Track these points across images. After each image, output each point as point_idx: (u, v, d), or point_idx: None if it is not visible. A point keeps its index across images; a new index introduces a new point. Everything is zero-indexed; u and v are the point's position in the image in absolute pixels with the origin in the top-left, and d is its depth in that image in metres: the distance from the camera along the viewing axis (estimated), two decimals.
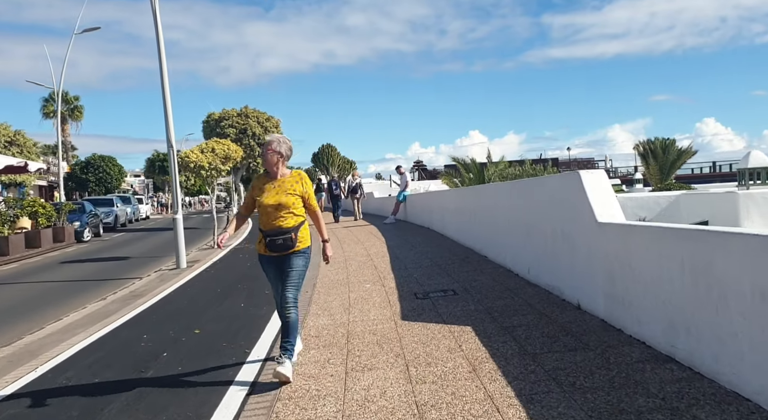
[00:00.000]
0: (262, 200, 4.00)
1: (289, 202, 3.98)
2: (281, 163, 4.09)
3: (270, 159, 4.06)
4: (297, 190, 4.04)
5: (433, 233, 12.53)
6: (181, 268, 10.73)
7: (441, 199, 12.43)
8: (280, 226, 3.98)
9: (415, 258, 9.07)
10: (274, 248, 4.03)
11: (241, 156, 14.59)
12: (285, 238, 3.98)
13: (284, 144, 4.13)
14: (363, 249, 10.76)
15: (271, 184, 4.06)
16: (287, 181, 4.06)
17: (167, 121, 10.75)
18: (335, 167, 44.68)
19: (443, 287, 6.62)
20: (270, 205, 3.98)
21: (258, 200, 4.04)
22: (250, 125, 24.43)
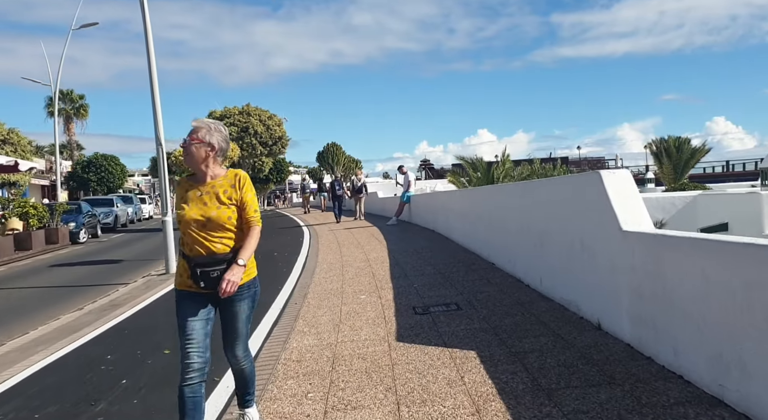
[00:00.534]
0: (183, 214, 2.84)
1: (222, 216, 2.81)
2: (212, 159, 2.89)
3: (195, 154, 2.86)
4: (233, 198, 2.88)
5: (438, 236, 11.88)
6: (170, 272, 10.14)
7: (446, 200, 11.77)
8: (213, 252, 2.80)
9: (417, 264, 8.43)
10: (210, 283, 2.80)
11: (237, 155, 14.03)
12: (222, 269, 2.79)
13: (216, 132, 2.92)
14: (362, 253, 10.13)
15: (197, 190, 2.89)
16: (221, 186, 2.88)
17: (156, 118, 10.17)
18: (340, 166, 44.06)
19: (446, 300, 5.97)
20: (194, 220, 2.81)
21: (179, 214, 2.87)
22: (251, 123, 23.92)
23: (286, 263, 9.87)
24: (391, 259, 9.19)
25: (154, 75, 10.19)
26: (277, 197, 50.81)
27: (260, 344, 4.91)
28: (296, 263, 9.72)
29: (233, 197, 2.88)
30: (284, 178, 54.72)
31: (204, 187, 2.90)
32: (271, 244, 13.55)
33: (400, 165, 16.72)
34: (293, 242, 13.46)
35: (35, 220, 15.37)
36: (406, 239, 11.89)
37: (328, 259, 9.74)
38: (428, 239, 11.52)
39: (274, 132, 24.47)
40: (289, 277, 8.28)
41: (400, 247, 10.64)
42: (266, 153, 24.73)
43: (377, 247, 10.95)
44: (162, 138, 10.21)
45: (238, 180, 2.93)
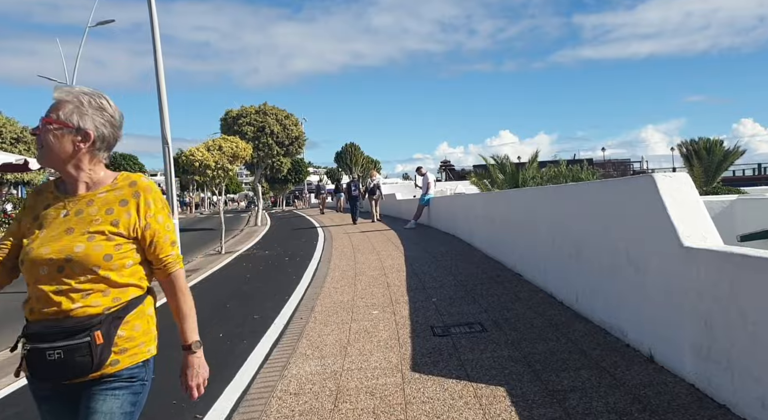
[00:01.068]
0: (27, 249, 1.71)
1: (93, 254, 1.69)
2: (87, 156, 1.77)
3: (54, 146, 1.74)
4: (121, 224, 1.75)
5: (459, 242, 11.18)
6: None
7: (468, 203, 11.06)
8: (67, 315, 1.66)
9: (437, 274, 7.76)
10: (45, 371, 1.66)
11: (250, 154, 13.48)
12: (70, 346, 1.63)
13: (94, 111, 1.77)
14: (377, 260, 9.49)
15: (61, 207, 1.78)
16: (103, 202, 1.77)
17: (162, 117, 9.68)
18: (359, 167, 43.48)
19: (469, 319, 5.30)
20: (45, 261, 1.68)
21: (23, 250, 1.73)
22: (268, 123, 23.43)
23: (297, 269, 9.28)
24: (407, 267, 8.53)
25: (161, 73, 9.70)
26: (297, 197, 50.46)
27: (255, 370, 4.30)
28: (307, 269, 9.13)
29: (124, 223, 1.74)
30: (303, 179, 54.37)
31: (73, 203, 1.77)
32: (283, 248, 12.99)
33: (418, 166, 16.05)
34: (306, 246, 12.88)
35: None
36: (425, 245, 11.22)
37: (340, 266, 9.12)
38: (448, 245, 10.84)
39: (290, 132, 23.98)
40: (298, 286, 7.69)
41: (418, 253, 9.98)
42: (283, 153, 24.20)
43: (393, 253, 10.30)
44: (168, 137, 9.71)
45: (136, 194, 1.79)
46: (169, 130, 9.69)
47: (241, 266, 10.52)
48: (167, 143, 9.64)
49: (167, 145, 9.64)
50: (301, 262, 10.21)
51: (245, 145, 13.38)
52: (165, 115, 9.63)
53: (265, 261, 10.94)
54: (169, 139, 9.66)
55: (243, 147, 13.18)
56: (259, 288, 7.97)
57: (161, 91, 9.65)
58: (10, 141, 17.93)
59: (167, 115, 9.66)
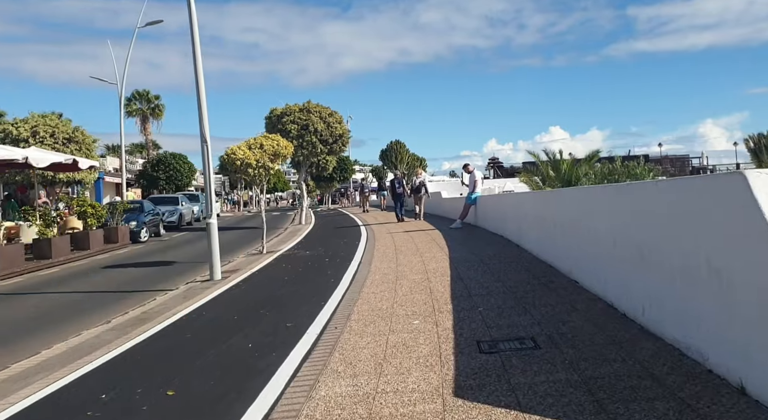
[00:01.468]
0: None
1: None
2: None
3: None
4: None
5: (507, 244, 10.56)
6: (214, 279, 9.43)
7: (518, 202, 10.43)
8: None
9: (484, 279, 7.21)
10: None
11: (291, 152, 13.23)
12: None
13: None
14: (420, 263, 9.01)
15: None
16: None
17: (201, 115, 9.49)
18: (404, 164, 43.01)
19: (519, 332, 4.76)
20: None
21: None
22: (311, 121, 23.25)
23: (336, 271, 8.91)
24: (452, 271, 8.02)
25: (200, 71, 9.50)
26: (342, 195, 50.50)
27: (281, 389, 3.90)
28: (347, 272, 8.74)
29: None
30: (348, 177, 54.34)
31: None
32: (325, 248, 12.68)
33: (465, 163, 15.44)
34: (348, 246, 12.53)
35: (93, 219, 15.29)
36: (470, 246, 10.66)
37: (381, 268, 8.69)
38: (496, 247, 10.24)
39: (334, 129, 23.73)
40: (336, 290, 7.30)
41: (464, 255, 9.44)
42: (326, 151, 24.00)
43: (437, 254, 9.79)
44: (207, 135, 9.51)
45: None
46: (208, 128, 9.50)
47: (281, 267, 10.25)
48: (206, 142, 9.45)
49: (206, 143, 9.45)
50: (342, 263, 9.84)
51: (286, 142, 13.13)
52: (203, 112, 9.43)
53: (304, 262, 10.63)
54: (207, 138, 9.46)
55: (284, 145, 12.93)
56: (295, 291, 7.63)
57: (199, 87, 9.46)
58: (62, 141, 18.40)
59: (206, 113, 9.47)
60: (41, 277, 11.81)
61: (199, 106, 9.45)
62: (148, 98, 55.55)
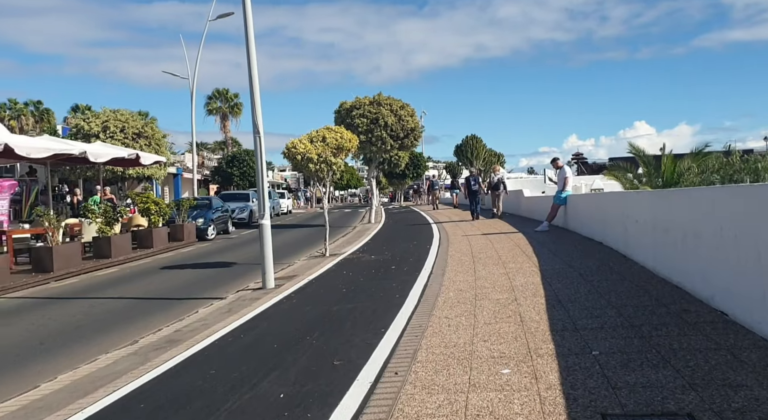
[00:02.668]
0: None
1: None
2: None
3: None
4: None
5: (610, 253, 8.78)
6: (267, 287, 8.37)
7: (623, 203, 8.61)
8: None
9: (590, 303, 5.61)
10: None
11: (356, 146, 12.02)
12: None
13: None
14: (504, 275, 7.48)
15: None
16: None
17: (253, 104, 8.43)
18: (480, 161, 40.95)
19: (666, 402, 3.18)
20: None
21: None
22: (381, 114, 22.02)
23: (403, 282, 7.57)
24: (546, 289, 6.45)
25: (253, 58, 8.44)
26: (415, 192, 49.21)
27: None
28: (415, 284, 7.38)
29: None
30: (421, 173, 52.87)
31: None
32: (392, 252, 11.38)
33: (554, 157, 13.60)
34: (418, 250, 11.15)
35: (157, 216, 14.81)
36: (564, 255, 8.98)
37: (456, 282, 7.26)
38: (597, 257, 8.51)
39: (406, 123, 22.40)
40: (401, 311, 5.95)
41: (557, 267, 7.81)
42: (397, 146, 22.72)
43: (525, 265, 8.21)
44: (260, 125, 8.44)
45: None
46: (261, 116, 8.41)
47: (341, 275, 9.03)
48: (258, 132, 8.37)
49: (258, 134, 8.37)
50: (410, 272, 8.49)
51: (351, 135, 11.93)
52: (256, 97, 8.36)
53: (368, 269, 9.37)
54: (260, 128, 8.39)
55: (348, 137, 11.74)
56: (353, 309, 6.35)
57: (252, 78, 8.39)
58: (132, 136, 18.23)
59: (258, 98, 8.38)
60: (97, 278, 11.28)
61: (251, 91, 8.39)
62: (227, 97, 56.88)
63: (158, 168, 18.85)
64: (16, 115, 48.47)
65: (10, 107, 49.12)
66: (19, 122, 46.78)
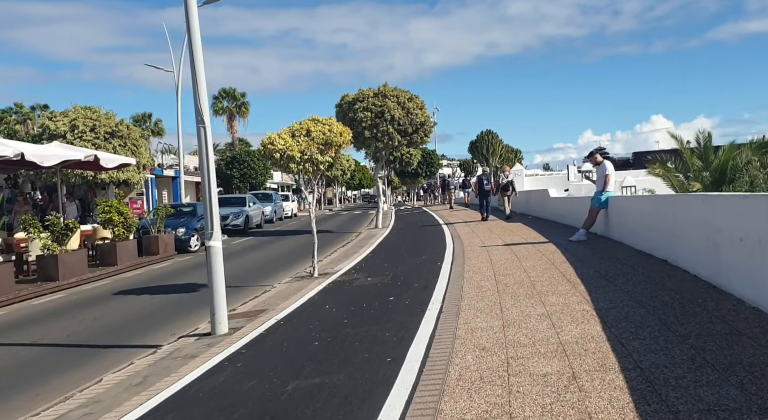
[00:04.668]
0: None
1: None
2: None
3: None
4: None
5: (685, 278, 6.42)
6: (217, 333, 6.17)
7: (709, 210, 6.18)
8: None
9: (708, 392, 3.30)
10: None
11: (348, 140, 9.79)
12: None
13: None
14: (546, 320, 5.19)
15: None
16: None
17: (196, 84, 6.23)
18: (496, 157, 38.43)
19: None
20: None
21: None
22: (388, 107, 19.77)
23: (398, 332, 5.32)
24: (616, 349, 4.14)
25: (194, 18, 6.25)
26: (426, 191, 46.86)
27: None
28: (416, 338, 5.10)
29: None
30: (435, 172, 50.43)
31: None
32: (394, 271, 9.13)
33: (593, 150, 11.21)
34: (426, 270, 8.89)
35: (121, 228, 12.72)
36: (620, 280, 6.66)
37: (477, 333, 4.99)
38: (670, 286, 6.17)
39: (414, 117, 20.13)
40: (393, 387, 3.72)
41: (620, 304, 5.49)
42: (405, 143, 20.44)
43: (570, 298, 5.90)
44: (205, 114, 6.24)
45: None
46: (206, 103, 6.23)
47: (321, 311, 6.81)
48: (203, 122, 6.18)
49: (203, 125, 6.18)
50: (412, 308, 6.25)
51: (342, 128, 9.71)
52: (200, 87, 6.17)
53: (358, 301, 7.14)
54: (205, 117, 6.19)
55: (339, 131, 9.51)
56: (320, 387, 4.13)
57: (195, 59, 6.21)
58: (104, 136, 16.21)
59: (203, 88, 6.20)
60: (30, 308, 9.20)
61: (193, 68, 6.20)
62: (234, 96, 55.16)
63: (135, 171, 16.81)
64: (22, 119, 47.17)
65: (16, 111, 47.84)
66: (25, 126, 45.41)
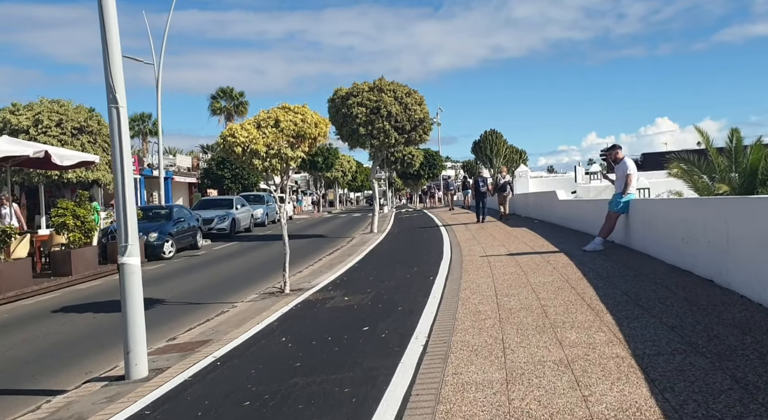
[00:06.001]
0: None
1: None
2: None
3: None
4: None
5: (749, 307, 4.95)
6: (132, 378, 4.73)
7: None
8: None
9: None
10: None
11: (326, 132, 8.35)
12: None
13: None
14: (565, 368, 3.73)
15: None
16: None
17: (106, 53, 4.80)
18: (501, 158, 36.89)
19: None
20: None
21: None
22: (384, 102, 18.32)
23: (363, 387, 3.87)
24: None
25: None
26: (425, 193, 45.38)
27: None
28: (384, 397, 3.65)
29: None
30: (437, 173, 48.87)
31: None
32: (378, 287, 7.67)
33: (612, 145, 9.74)
34: (415, 285, 7.43)
35: (78, 234, 11.30)
36: (656, 307, 5.19)
37: (469, 390, 3.54)
38: (730, 318, 4.70)
39: (413, 113, 18.69)
40: None
41: (665, 347, 4.02)
42: (403, 141, 18.99)
43: (596, 336, 4.43)
44: (118, 91, 4.80)
45: None
46: (122, 80, 4.80)
47: (275, 346, 5.36)
48: (116, 102, 4.75)
49: (116, 104, 4.75)
50: (390, 344, 4.81)
51: (319, 117, 8.25)
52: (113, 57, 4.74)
53: (326, 329, 5.70)
54: (118, 95, 4.76)
55: (313, 121, 8.06)
56: None
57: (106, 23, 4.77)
58: (71, 131, 14.81)
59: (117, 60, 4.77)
60: None
61: (103, 34, 4.77)
62: (232, 95, 53.96)
63: (106, 170, 15.40)
64: None
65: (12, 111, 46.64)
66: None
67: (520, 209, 21.26)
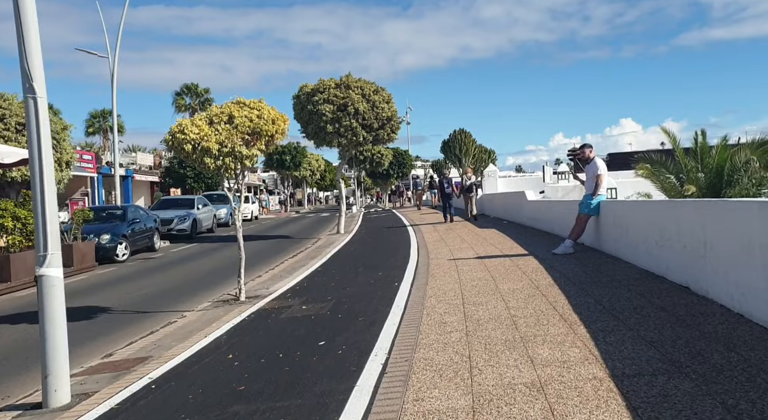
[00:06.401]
0: None
1: None
2: None
3: None
4: None
5: (729, 319, 4.65)
6: (50, 406, 4.15)
7: (760, 222, 4.39)
8: None
9: None
10: None
11: (284, 129, 7.83)
12: None
13: None
14: (537, 392, 3.34)
15: None
16: None
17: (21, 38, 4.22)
18: (470, 157, 36.76)
19: None
20: None
21: None
22: (351, 99, 17.83)
23: (311, 417, 3.40)
24: None
25: None
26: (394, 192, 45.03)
27: None
28: None
29: None
30: (407, 173, 48.57)
31: None
32: (338, 295, 7.19)
33: (583, 144, 9.49)
34: (379, 291, 7.00)
35: (18, 236, 10.50)
36: (632, 318, 4.88)
37: None
38: (710, 332, 4.40)
39: (380, 111, 18.26)
40: None
41: (646, 362, 3.69)
42: (371, 139, 18.54)
43: (570, 352, 4.06)
44: (36, 79, 4.22)
45: None
46: (40, 65, 4.22)
47: (219, 365, 4.84)
48: (33, 92, 4.17)
49: (33, 95, 4.17)
50: (346, 362, 4.36)
51: (277, 113, 7.73)
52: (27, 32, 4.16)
53: (279, 344, 5.21)
54: (36, 84, 4.18)
55: (270, 117, 7.53)
56: None
57: None
58: (14, 127, 13.90)
59: (34, 42, 4.20)
60: None
61: (17, 14, 4.18)
62: (197, 92, 52.52)
63: (57, 169, 14.51)
64: None
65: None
66: None
67: (488, 209, 21.04)
